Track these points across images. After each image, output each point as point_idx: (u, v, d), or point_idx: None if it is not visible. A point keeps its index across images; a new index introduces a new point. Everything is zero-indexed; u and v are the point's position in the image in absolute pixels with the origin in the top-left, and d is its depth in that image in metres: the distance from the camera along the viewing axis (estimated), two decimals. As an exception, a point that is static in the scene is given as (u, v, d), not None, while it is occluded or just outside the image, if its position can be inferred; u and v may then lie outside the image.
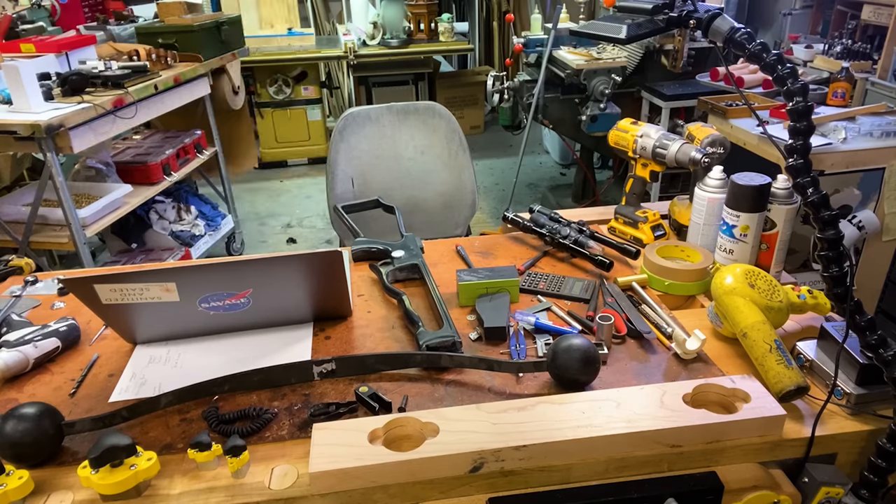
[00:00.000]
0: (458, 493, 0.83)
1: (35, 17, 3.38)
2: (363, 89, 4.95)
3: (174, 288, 0.99)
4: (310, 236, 3.92)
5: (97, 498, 0.79)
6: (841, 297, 0.88)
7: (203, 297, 1.03)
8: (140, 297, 1.00)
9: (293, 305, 1.12)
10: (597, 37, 1.58)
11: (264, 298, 1.07)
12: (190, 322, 1.09)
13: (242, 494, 0.80)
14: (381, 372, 1.01)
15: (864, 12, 2.86)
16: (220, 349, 1.09)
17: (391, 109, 2.01)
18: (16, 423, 0.82)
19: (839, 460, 0.92)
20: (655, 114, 3.31)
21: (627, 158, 1.44)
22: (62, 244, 2.47)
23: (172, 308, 1.03)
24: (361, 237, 1.40)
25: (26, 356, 1.03)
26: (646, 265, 1.24)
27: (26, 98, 2.25)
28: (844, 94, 2.49)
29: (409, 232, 1.40)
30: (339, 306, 1.16)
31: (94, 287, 0.97)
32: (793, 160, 0.91)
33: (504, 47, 5.95)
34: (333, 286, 1.10)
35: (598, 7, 4.14)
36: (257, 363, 1.02)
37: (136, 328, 1.08)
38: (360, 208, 1.55)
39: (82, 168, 2.89)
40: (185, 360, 1.07)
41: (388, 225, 1.52)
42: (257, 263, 1.02)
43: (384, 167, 2.01)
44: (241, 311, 1.08)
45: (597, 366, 0.94)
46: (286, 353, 1.08)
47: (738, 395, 0.90)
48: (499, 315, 1.10)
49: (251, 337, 1.12)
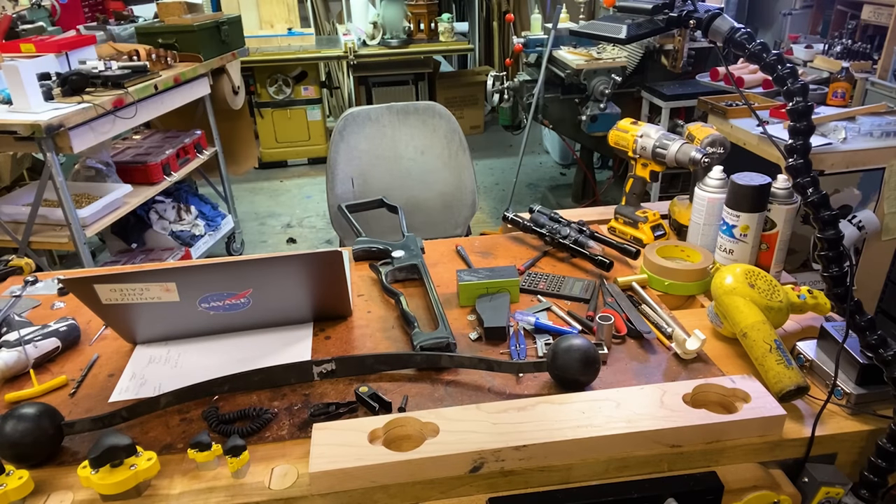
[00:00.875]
0: (458, 493, 0.83)
1: (35, 17, 3.38)
2: (363, 89, 4.95)
3: (174, 288, 0.99)
4: (310, 236, 3.92)
5: (97, 498, 0.79)
6: (841, 297, 0.88)
7: (203, 297, 1.03)
8: (140, 298, 0.99)
9: (293, 305, 1.12)
10: (597, 37, 1.58)
11: (264, 298, 1.07)
12: (190, 322, 1.09)
13: (242, 494, 0.80)
14: (381, 372, 1.01)
15: (864, 12, 2.86)
16: (220, 349, 1.09)
17: (391, 109, 2.01)
18: (15, 424, 0.82)
19: (839, 460, 0.92)
20: (655, 114, 3.31)
21: (627, 158, 1.44)
22: (62, 244, 2.47)
23: (172, 308, 1.03)
24: (363, 237, 1.40)
25: (26, 356, 1.03)
26: (646, 265, 1.24)
27: (26, 98, 2.25)
28: (844, 94, 2.49)
29: (410, 232, 1.40)
30: (340, 306, 1.16)
31: (94, 287, 0.97)
32: (793, 160, 0.91)
33: (504, 47, 5.95)
34: (333, 286, 1.10)
35: (598, 7, 4.14)
36: (257, 363, 1.02)
37: (136, 328, 1.08)
38: (364, 208, 1.55)
39: (82, 168, 2.89)
40: (185, 361, 1.07)
41: (391, 225, 1.52)
42: (257, 263, 1.02)
43: (384, 167, 2.01)
44: (241, 311, 1.08)
45: (597, 366, 0.94)
46: (286, 353, 1.08)
47: (738, 395, 0.90)
48: (499, 315, 1.10)
49: (251, 337, 1.12)
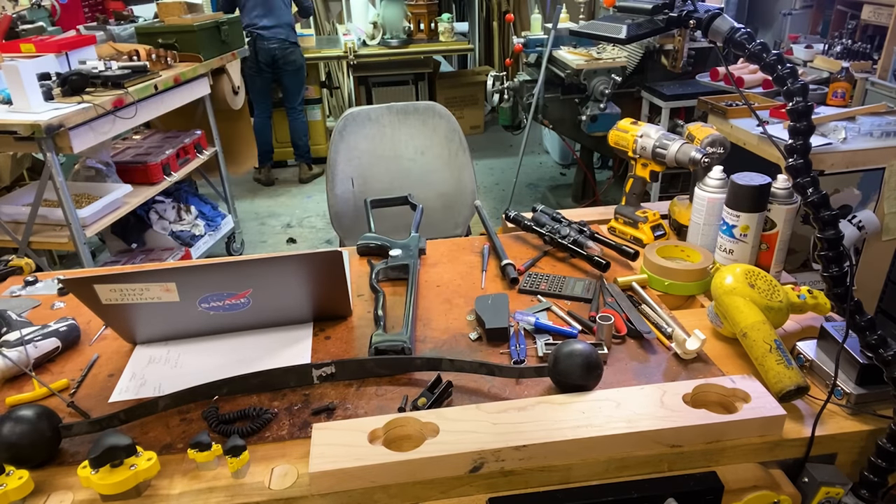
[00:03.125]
0: (458, 493, 0.83)
1: (35, 17, 3.39)
2: (363, 89, 4.95)
3: (174, 288, 0.99)
4: (310, 236, 3.92)
5: (97, 498, 0.79)
6: (841, 297, 0.88)
7: (203, 298, 1.03)
8: (140, 298, 0.99)
9: (293, 305, 1.12)
10: (597, 37, 1.58)
11: (264, 298, 1.07)
12: (190, 322, 1.09)
13: (242, 494, 0.80)
14: (381, 376, 1.01)
15: (864, 12, 2.86)
16: (220, 349, 1.09)
17: (391, 109, 2.01)
18: (13, 426, 0.81)
19: (839, 460, 0.92)
20: (655, 114, 3.31)
21: (627, 158, 1.44)
22: (62, 244, 2.47)
23: (172, 308, 1.03)
24: (371, 233, 1.40)
25: (27, 356, 1.03)
26: (646, 265, 1.24)
27: (26, 98, 2.25)
28: (844, 94, 2.49)
29: (421, 233, 1.40)
30: (340, 306, 1.16)
31: (94, 287, 0.96)
32: (793, 160, 0.91)
33: (504, 47, 5.95)
34: (333, 286, 1.10)
35: (598, 7, 4.14)
36: (257, 364, 1.03)
37: (136, 328, 1.08)
38: (390, 203, 1.60)
39: (82, 168, 2.89)
40: (185, 361, 1.07)
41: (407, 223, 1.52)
42: (257, 263, 1.02)
43: (384, 167, 2.01)
44: (241, 311, 1.07)
45: (599, 371, 0.92)
46: (286, 353, 1.08)
47: (738, 395, 0.90)
48: (499, 316, 1.10)
49: (251, 337, 1.12)
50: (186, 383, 0.96)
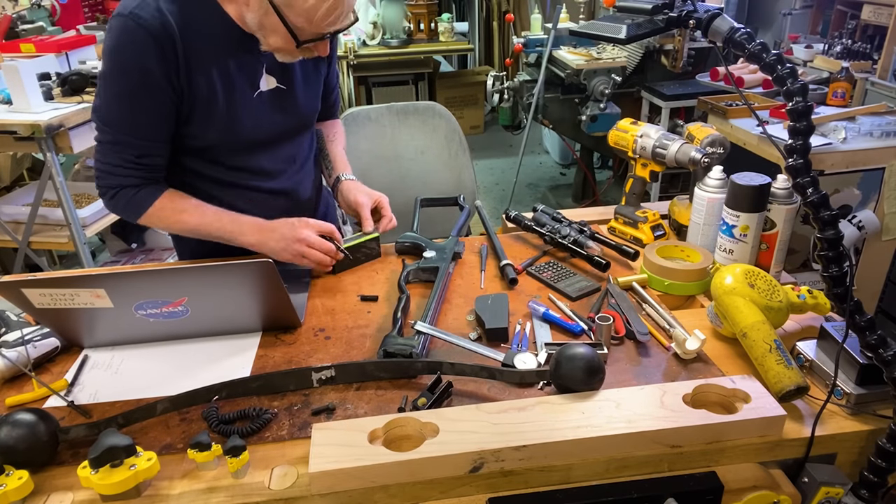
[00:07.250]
0: (458, 493, 0.83)
1: (35, 17, 3.39)
2: (363, 89, 4.95)
3: (104, 294, 0.97)
4: (310, 236, 3.91)
5: (97, 498, 0.79)
6: (841, 297, 0.88)
7: (138, 304, 1.01)
8: (71, 303, 0.98)
9: (235, 315, 1.09)
10: (597, 37, 1.59)
11: (202, 307, 1.05)
12: (133, 329, 1.07)
13: (242, 494, 0.80)
14: (381, 379, 1.00)
15: (864, 12, 2.85)
16: (163, 356, 1.08)
17: (391, 109, 2.01)
18: (10, 429, 0.81)
19: (839, 460, 0.92)
20: (655, 114, 3.31)
21: (627, 158, 1.44)
22: (62, 244, 2.47)
23: (109, 314, 1.01)
24: (411, 232, 1.41)
25: (26, 356, 1.03)
26: (646, 265, 1.24)
27: (26, 98, 2.25)
28: (844, 94, 2.49)
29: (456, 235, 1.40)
30: (285, 316, 1.12)
31: (24, 291, 0.95)
32: (793, 160, 0.91)
33: (504, 47, 5.95)
34: (272, 296, 1.06)
35: (598, 7, 4.14)
36: (199, 371, 1.02)
37: (79, 333, 1.07)
38: (440, 203, 1.64)
39: (82, 168, 2.89)
40: (127, 367, 1.05)
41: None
42: (188, 272, 1.00)
43: (384, 167, 2.01)
44: (182, 319, 1.06)
45: (601, 376, 0.91)
46: (227, 363, 1.06)
47: (738, 395, 0.90)
48: (499, 316, 1.10)
49: (196, 345, 1.11)
50: (124, 389, 0.97)
